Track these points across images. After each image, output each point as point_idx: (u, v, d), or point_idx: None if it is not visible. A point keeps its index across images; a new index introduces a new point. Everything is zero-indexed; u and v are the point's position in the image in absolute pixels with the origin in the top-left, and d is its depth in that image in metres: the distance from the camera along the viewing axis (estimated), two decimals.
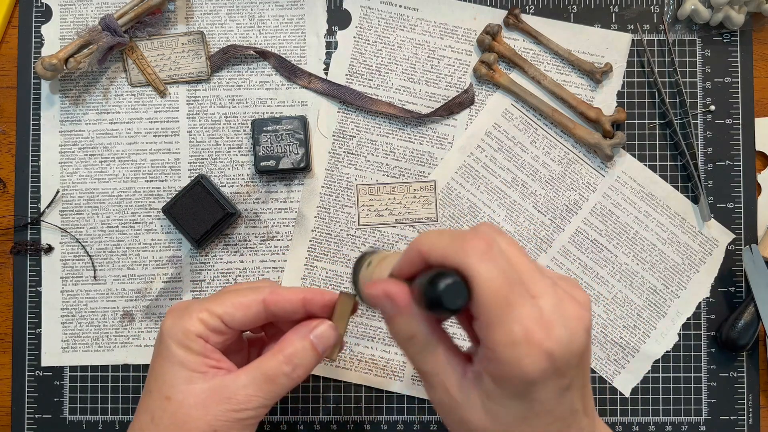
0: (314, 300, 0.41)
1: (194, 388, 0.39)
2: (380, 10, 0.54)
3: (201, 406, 0.38)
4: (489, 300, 0.30)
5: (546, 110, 0.53)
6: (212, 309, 0.40)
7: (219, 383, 0.39)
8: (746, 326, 0.51)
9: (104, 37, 0.50)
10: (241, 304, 0.40)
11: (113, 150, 0.54)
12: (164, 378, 0.39)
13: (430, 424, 0.53)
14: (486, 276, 0.30)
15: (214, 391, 0.38)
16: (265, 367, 0.39)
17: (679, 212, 0.54)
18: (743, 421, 0.53)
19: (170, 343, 0.39)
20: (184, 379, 0.39)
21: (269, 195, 0.54)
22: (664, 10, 0.54)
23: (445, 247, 0.31)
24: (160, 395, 0.39)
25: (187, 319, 0.39)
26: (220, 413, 0.38)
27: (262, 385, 0.39)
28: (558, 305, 0.31)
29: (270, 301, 0.40)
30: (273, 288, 0.41)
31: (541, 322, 0.30)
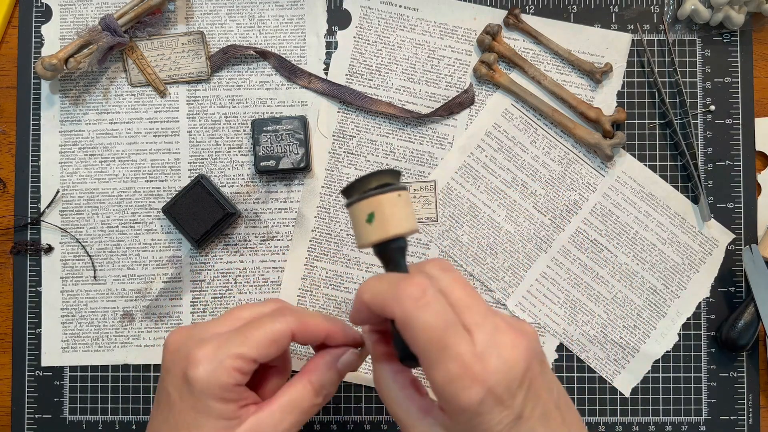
0: (336, 337, 0.41)
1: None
2: (380, 10, 0.54)
3: None
4: (425, 345, 0.32)
5: (546, 110, 0.53)
6: (245, 354, 0.38)
7: (255, 423, 0.38)
8: (746, 326, 0.51)
9: (104, 37, 0.50)
10: (271, 341, 0.39)
11: (113, 150, 0.54)
12: (203, 429, 0.38)
13: None
14: (419, 323, 0.32)
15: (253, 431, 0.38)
16: (296, 398, 0.39)
17: (679, 212, 0.54)
18: (743, 421, 0.53)
19: (206, 398, 0.37)
20: (224, 429, 0.38)
21: (269, 195, 0.54)
22: (664, 10, 0.54)
23: (382, 296, 0.34)
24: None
25: (223, 372, 0.37)
26: None
27: (296, 417, 0.39)
28: (493, 336, 0.32)
29: (298, 335, 0.40)
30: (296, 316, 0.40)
31: (476, 356, 0.32)
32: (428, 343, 0.32)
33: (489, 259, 0.53)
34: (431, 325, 0.32)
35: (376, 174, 0.36)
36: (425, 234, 0.53)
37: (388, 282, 0.34)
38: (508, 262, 0.53)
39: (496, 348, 0.32)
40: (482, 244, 0.53)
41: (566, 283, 0.53)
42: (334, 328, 0.41)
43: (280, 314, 0.40)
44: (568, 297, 0.53)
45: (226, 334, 0.39)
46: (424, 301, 0.32)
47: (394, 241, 0.36)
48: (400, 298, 0.33)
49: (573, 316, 0.53)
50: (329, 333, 0.41)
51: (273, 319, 0.39)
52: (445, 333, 0.32)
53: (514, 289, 0.53)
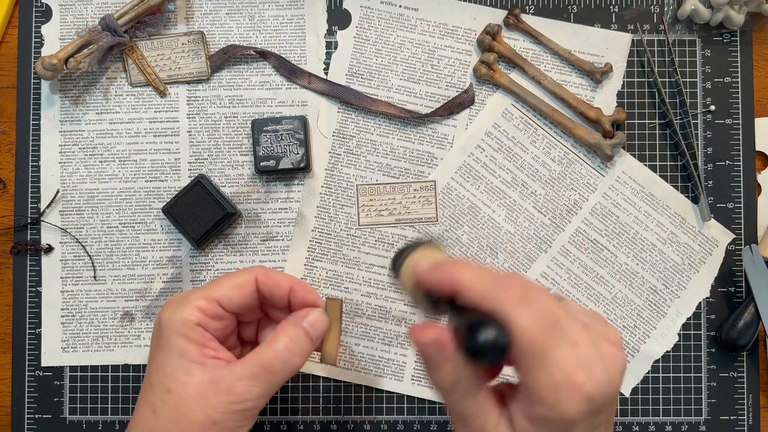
0: (299, 293, 0.42)
1: (194, 380, 0.38)
2: (380, 10, 0.54)
3: (200, 398, 0.38)
4: (528, 346, 0.30)
5: (546, 110, 0.53)
6: (209, 295, 0.40)
7: (218, 374, 0.39)
8: (746, 326, 0.51)
9: (104, 37, 0.50)
10: (236, 284, 0.41)
11: (113, 150, 0.54)
12: (164, 370, 0.39)
13: (430, 424, 0.53)
14: (524, 323, 0.30)
15: (213, 383, 0.38)
16: (262, 357, 0.39)
17: (679, 212, 0.54)
18: (743, 421, 0.53)
19: (169, 334, 0.39)
20: (184, 370, 0.39)
21: (269, 195, 0.54)
22: (664, 10, 0.54)
23: (483, 290, 0.32)
24: (161, 387, 0.39)
25: (186, 309, 0.40)
26: (219, 405, 0.38)
27: (260, 376, 0.39)
28: (595, 348, 0.31)
29: (261, 281, 0.42)
30: (265, 269, 0.42)
31: (580, 365, 0.30)
32: (532, 343, 0.30)
33: (489, 259, 0.53)
34: (536, 326, 0.31)
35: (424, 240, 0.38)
36: (425, 234, 0.53)
37: (490, 278, 0.33)
38: (508, 262, 0.53)
39: (600, 360, 0.31)
40: (482, 244, 0.53)
41: (566, 283, 0.53)
42: (297, 283, 0.42)
43: (249, 268, 0.43)
44: (568, 297, 0.53)
45: (201, 287, 0.42)
46: (528, 302, 0.31)
47: None
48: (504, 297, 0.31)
49: None
50: (293, 286, 0.42)
51: (241, 270, 0.42)
52: (548, 337, 0.31)
53: None
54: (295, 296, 0.42)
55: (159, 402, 0.39)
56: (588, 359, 0.31)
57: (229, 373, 0.39)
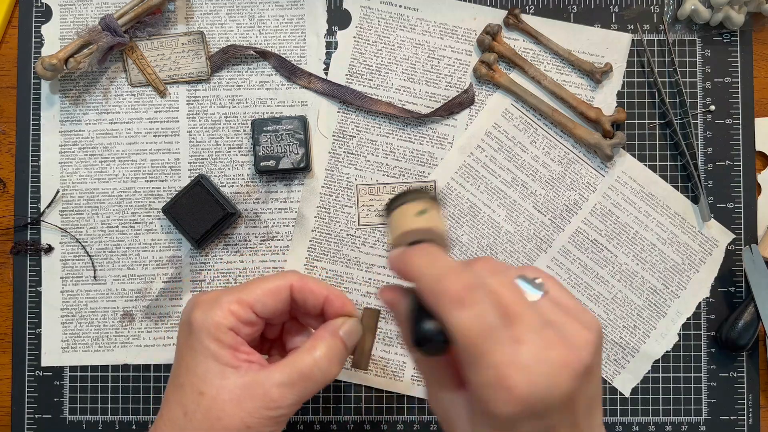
0: (334, 303, 0.41)
1: (228, 383, 0.38)
2: (380, 10, 0.54)
3: (235, 402, 0.37)
4: (464, 346, 0.30)
5: (546, 110, 0.53)
6: (243, 299, 0.39)
7: (252, 379, 0.38)
8: (746, 326, 0.51)
9: (104, 37, 0.50)
10: (271, 290, 0.40)
11: (113, 150, 0.54)
12: (197, 372, 0.38)
13: (430, 424, 0.53)
14: (460, 325, 0.30)
15: (248, 387, 0.38)
16: (299, 365, 0.39)
17: (679, 212, 0.54)
18: (743, 421, 0.53)
19: (202, 336, 0.38)
20: (218, 373, 0.38)
21: (269, 195, 0.54)
22: (664, 10, 0.54)
23: (427, 286, 0.32)
24: (193, 390, 0.38)
25: (219, 312, 0.38)
26: (254, 410, 0.37)
27: (297, 383, 0.38)
28: (542, 351, 0.30)
29: (297, 288, 0.40)
30: (299, 276, 0.41)
31: (518, 368, 0.30)
32: (467, 344, 0.31)
33: None
34: (470, 327, 0.30)
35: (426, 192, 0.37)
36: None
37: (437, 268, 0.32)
38: (507, 262, 0.53)
39: (544, 364, 0.30)
40: (482, 244, 0.53)
41: (566, 283, 0.53)
42: (333, 292, 0.41)
43: (283, 273, 0.41)
44: None
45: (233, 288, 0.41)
46: (469, 302, 0.31)
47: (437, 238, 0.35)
48: (443, 297, 0.31)
49: None
50: (329, 295, 0.41)
51: (275, 275, 0.41)
52: (488, 338, 0.30)
53: None
54: (330, 306, 0.41)
55: (191, 404, 0.38)
56: (528, 361, 0.30)
57: (266, 379, 0.38)
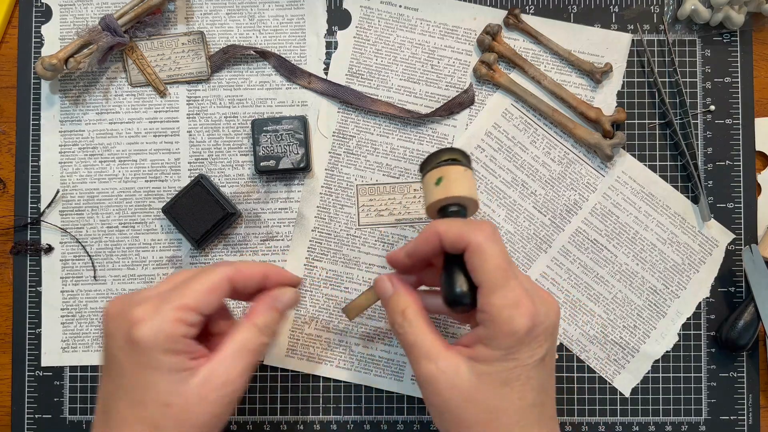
0: (273, 277, 0.44)
1: (191, 387, 0.39)
2: (380, 10, 0.54)
3: (202, 400, 0.39)
4: (493, 271, 0.38)
5: (546, 110, 0.53)
6: (186, 304, 0.39)
7: (208, 371, 0.39)
8: (746, 326, 0.51)
9: (104, 37, 0.50)
10: (210, 289, 0.40)
11: (113, 150, 0.54)
12: (158, 388, 0.38)
13: (430, 424, 0.53)
14: (493, 252, 0.38)
15: (207, 381, 0.39)
16: (245, 341, 0.41)
17: (679, 212, 0.54)
18: (743, 421, 0.53)
19: (156, 353, 0.38)
20: (179, 382, 0.39)
21: (269, 195, 0.54)
22: (664, 10, 0.54)
23: (459, 228, 0.39)
24: (158, 404, 0.38)
25: (167, 324, 0.38)
26: (217, 399, 0.39)
27: (246, 359, 0.41)
28: (534, 287, 0.40)
29: (235, 279, 0.41)
30: (231, 265, 0.42)
31: (526, 295, 0.38)
32: (496, 269, 0.38)
33: None
34: (500, 256, 0.38)
35: (450, 150, 0.44)
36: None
37: (463, 221, 0.40)
38: None
39: (539, 297, 0.39)
40: None
41: (566, 283, 0.53)
42: (269, 268, 0.44)
43: (214, 266, 0.42)
44: (568, 297, 0.53)
45: (164, 292, 0.40)
46: (496, 238, 0.39)
47: (456, 205, 0.42)
48: (479, 232, 0.39)
49: (573, 316, 0.53)
50: (265, 273, 0.43)
51: (208, 271, 0.41)
52: (509, 264, 0.39)
53: None
54: (269, 281, 0.44)
55: (160, 418, 0.38)
56: (531, 293, 0.39)
57: (219, 366, 0.40)
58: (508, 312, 0.37)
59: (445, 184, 0.42)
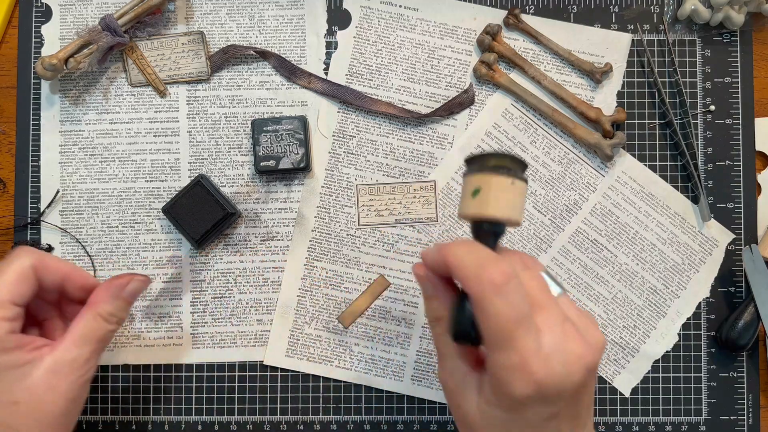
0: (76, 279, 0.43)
1: (35, 380, 0.39)
2: (380, 10, 0.54)
3: (52, 390, 0.39)
4: (494, 331, 0.32)
5: (546, 110, 0.53)
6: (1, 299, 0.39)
7: (54, 361, 0.40)
8: (746, 326, 0.51)
9: (104, 37, 0.50)
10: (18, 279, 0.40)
11: (113, 150, 0.54)
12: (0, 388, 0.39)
13: (430, 424, 0.53)
14: (494, 311, 0.32)
15: (54, 371, 0.40)
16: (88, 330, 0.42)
17: (679, 212, 0.54)
18: (743, 421, 0.53)
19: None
20: (20, 377, 0.39)
21: (269, 195, 0.54)
22: (664, 10, 0.54)
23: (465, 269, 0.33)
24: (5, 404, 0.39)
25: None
26: (69, 385, 0.40)
27: (92, 347, 0.41)
28: (562, 342, 0.33)
29: (38, 267, 0.41)
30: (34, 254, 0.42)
31: (539, 356, 0.32)
32: (498, 330, 0.32)
33: None
34: (505, 313, 0.32)
35: (500, 155, 0.35)
36: (425, 234, 0.53)
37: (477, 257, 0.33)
38: None
39: (563, 354, 0.33)
40: None
41: (566, 283, 0.53)
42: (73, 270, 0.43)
43: (15, 255, 0.41)
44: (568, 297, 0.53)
45: None
46: (504, 290, 0.32)
47: (490, 223, 0.35)
48: (482, 280, 0.32)
49: None
50: (67, 274, 0.43)
51: (10, 261, 0.41)
52: (517, 325, 0.32)
53: None
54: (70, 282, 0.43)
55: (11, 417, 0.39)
56: (549, 349, 0.32)
57: (66, 354, 0.40)
58: (506, 375, 0.32)
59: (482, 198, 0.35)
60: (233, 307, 0.53)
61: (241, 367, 0.53)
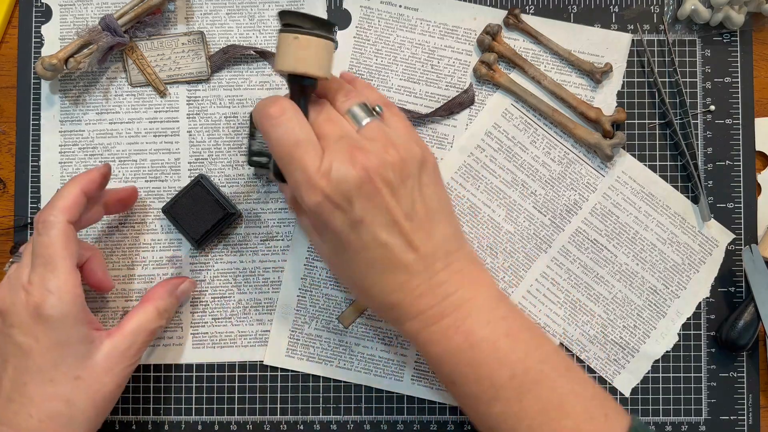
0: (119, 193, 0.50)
1: (97, 360, 0.42)
2: (380, 10, 0.54)
3: (109, 371, 0.43)
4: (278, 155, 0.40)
5: (546, 110, 0.53)
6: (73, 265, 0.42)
7: (112, 345, 0.43)
8: (746, 326, 0.51)
9: (104, 37, 0.50)
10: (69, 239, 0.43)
11: (113, 150, 0.54)
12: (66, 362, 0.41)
13: (430, 424, 0.53)
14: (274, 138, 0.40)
15: (111, 355, 0.43)
16: (143, 322, 0.46)
17: (679, 212, 0.54)
18: (743, 421, 0.53)
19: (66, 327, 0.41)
20: (85, 355, 0.42)
21: (269, 195, 0.54)
22: (664, 10, 0.54)
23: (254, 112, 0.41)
24: (68, 378, 0.41)
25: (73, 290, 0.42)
26: (121, 371, 0.44)
27: (144, 338, 0.45)
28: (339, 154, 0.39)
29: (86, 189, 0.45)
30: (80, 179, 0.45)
31: (320, 171, 0.39)
32: (280, 153, 0.40)
33: (489, 259, 0.53)
34: (282, 140, 0.39)
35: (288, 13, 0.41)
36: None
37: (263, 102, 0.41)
38: (508, 262, 0.53)
39: (339, 164, 0.39)
40: (482, 244, 0.53)
41: (566, 283, 0.53)
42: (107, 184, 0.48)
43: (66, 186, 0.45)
44: (568, 297, 0.53)
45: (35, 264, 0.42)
46: (279, 121, 0.39)
47: (300, 77, 0.41)
48: (262, 115, 0.40)
49: (573, 316, 0.53)
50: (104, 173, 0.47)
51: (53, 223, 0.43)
52: (295, 147, 0.39)
53: (514, 290, 0.53)
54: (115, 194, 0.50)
55: (70, 391, 0.41)
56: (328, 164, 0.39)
57: (121, 343, 0.44)
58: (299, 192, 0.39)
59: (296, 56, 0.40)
60: (233, 307, 0.53)
61: (241, 367, 0.53)
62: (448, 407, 0.53)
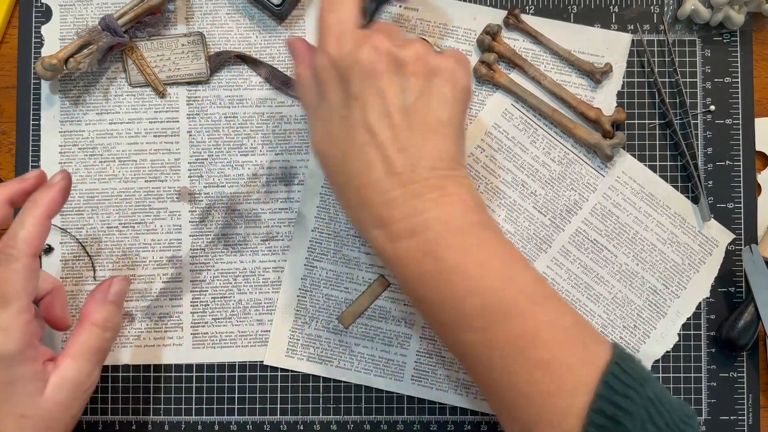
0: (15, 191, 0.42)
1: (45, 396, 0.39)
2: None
3: (58, 406, 0.40)
4: None
5: (546, 110, 0.53)
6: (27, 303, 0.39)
7: (60, 378, 0.40)
8: (746, 326, 0.51)
9: (104, 37, 0.50)
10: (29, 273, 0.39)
11: (113, 150, 0.54)
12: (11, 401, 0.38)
13: (430, 424, 0.53)
14: None
15: (60, 387, 0.40)
16: (90, 343, 0.42)
17: (679, 212, 0.54)
18: (743, 421, 0.53)
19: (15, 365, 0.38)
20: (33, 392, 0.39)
21: (269, 195, 0.54)
22: (664, 10, 0.54)
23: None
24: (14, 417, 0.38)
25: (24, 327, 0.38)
26: (73, 401, 0.41)
27: (95, 359, 0.42)
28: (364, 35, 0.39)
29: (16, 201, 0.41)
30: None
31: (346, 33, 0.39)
32: None
33: None
34: None
35: None
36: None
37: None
38: None
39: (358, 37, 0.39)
40: None
41: (566, 283, 0.53)
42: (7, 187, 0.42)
43: None
44: (568, 297, 0.53)
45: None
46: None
47: None
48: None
49: None
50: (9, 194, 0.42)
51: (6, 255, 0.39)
52: None
53: None
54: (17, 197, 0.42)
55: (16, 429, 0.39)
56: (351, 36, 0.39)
57: (71, 372, 0.41)
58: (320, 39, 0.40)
59: None
60: (233, 307, 0.53)
61: (241, 367, 0.53)
62: (448, 407, 0.53)
